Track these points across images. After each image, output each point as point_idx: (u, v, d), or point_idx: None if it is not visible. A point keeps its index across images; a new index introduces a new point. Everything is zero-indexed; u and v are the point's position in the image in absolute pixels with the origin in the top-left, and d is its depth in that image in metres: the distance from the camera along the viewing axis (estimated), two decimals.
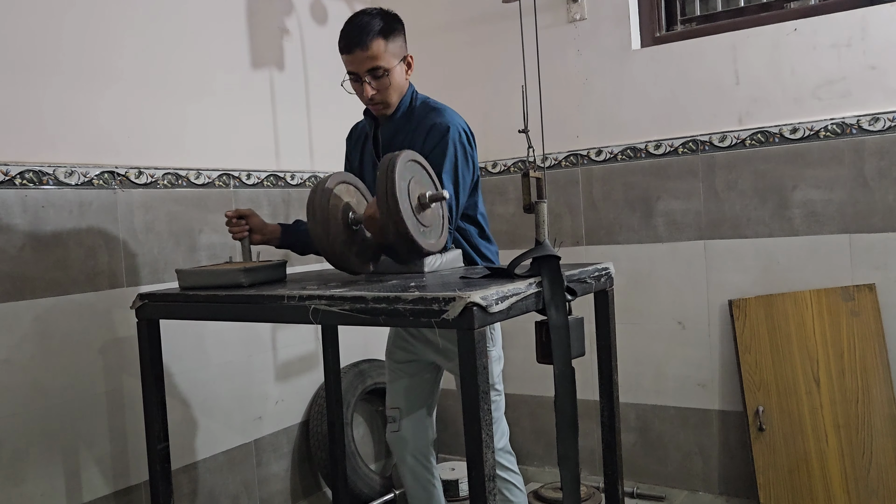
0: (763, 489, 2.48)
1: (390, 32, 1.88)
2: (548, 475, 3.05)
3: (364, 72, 1.88)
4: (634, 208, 2.85)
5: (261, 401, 2.72)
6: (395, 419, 2.07)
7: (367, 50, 1.85)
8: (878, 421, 2.39)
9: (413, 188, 1.66)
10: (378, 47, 1.85)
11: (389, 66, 1.88)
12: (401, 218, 1.58)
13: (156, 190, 2.37)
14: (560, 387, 1.49)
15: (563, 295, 1.49)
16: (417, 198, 1.67)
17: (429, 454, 2.11)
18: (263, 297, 1.59)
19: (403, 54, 1.94)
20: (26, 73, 2.04)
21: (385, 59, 1.87)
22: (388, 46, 1.87)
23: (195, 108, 2.51)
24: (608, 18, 2.87)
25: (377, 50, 1.85)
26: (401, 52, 1.93)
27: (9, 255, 1.98)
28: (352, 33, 1.86)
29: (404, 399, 2.07)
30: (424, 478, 2.10)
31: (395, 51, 1.90)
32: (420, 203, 1.67)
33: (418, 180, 1.71)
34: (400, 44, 1.92)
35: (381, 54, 1.86)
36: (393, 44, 1.89)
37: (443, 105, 1.97)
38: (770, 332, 2.55)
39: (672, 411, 2.84)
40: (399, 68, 1.92)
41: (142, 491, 2.29)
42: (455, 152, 1.87)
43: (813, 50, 2.50)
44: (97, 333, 2.19)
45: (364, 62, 1.87)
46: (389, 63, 1.88)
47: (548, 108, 2.68)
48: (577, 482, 1.53)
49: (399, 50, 1.92)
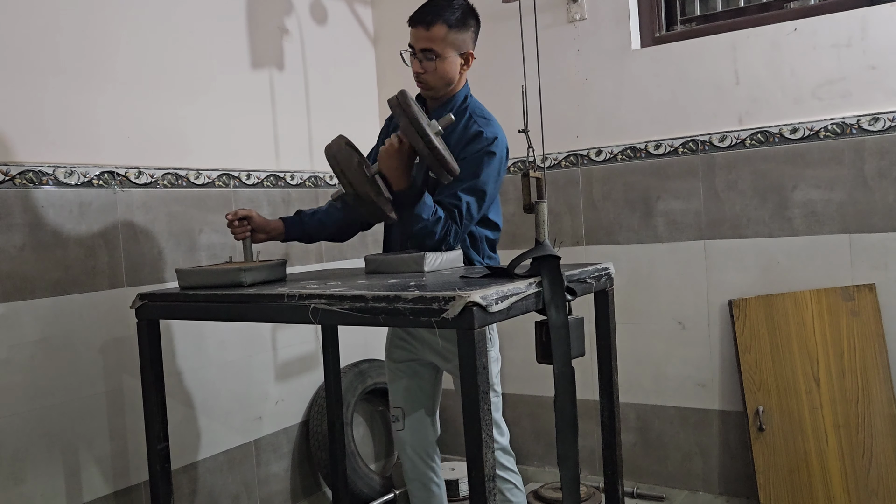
0: (763, 489, 2.48)
1: (458, 24, 1.92)
2: (548, 475, 3.04)
3: (419, 49, 1.93)
4: (634, 208, 2.85)
5: (261, 401, 2.72)
6: (398, 418, 2.08)
7: (428, 31, 1.90)
8: (878, 421, 2.39)
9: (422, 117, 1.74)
10: (438, 32, 1.90)
11: (443, 53, 1.92)
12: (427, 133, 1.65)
13: (156, 190, 2.37)
14: (560, 387, 1.49)
15: (563, 295, 1.49)
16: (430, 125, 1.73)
17: (432, 453, 2.11)
18: (263, 297, 1.59)
19: (465, 50, 1.97)
20: (26, 74, 2.04)
21: (440, 46, 1.91)
22: (450, 36, 1.91)
23: (195, 108, 2.51)
24: (608, 18, 2.87)
25: (436, 34, 1.90)
26: (462, 46, 1.95)
27: (9, 255, 1.99)
28: (423, 10, 1.92)
29: (405, 399, 2.07)
30: (427, 477, 2.10)
31: (455, 42, 1.93)
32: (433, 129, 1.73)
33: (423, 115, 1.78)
34: (464, 38, 1.95)
35: (439, 40, 1.90)
36: (456, 35, 1.92)
37: (491, 115, 2.00)
38: (770, 332, 2.55)
39: (672, 411, 2.84)
40: (453, 60, 1.94)
41: (142, 491, 2.29)
42: (492, 164, 1.90)
43: (813, 50, 2.50)
44: (97, 333, 2.19)
45: (421, 41, 1.92)
46: (444, 51, 1.92)
47: (548, 108, 2.68)
48: (577, 482, 1.53)
49: (461, 43, 1.95)
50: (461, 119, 1.96)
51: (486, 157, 1.89)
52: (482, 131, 1.91)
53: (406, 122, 1.67)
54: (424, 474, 2.10)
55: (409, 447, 2.08)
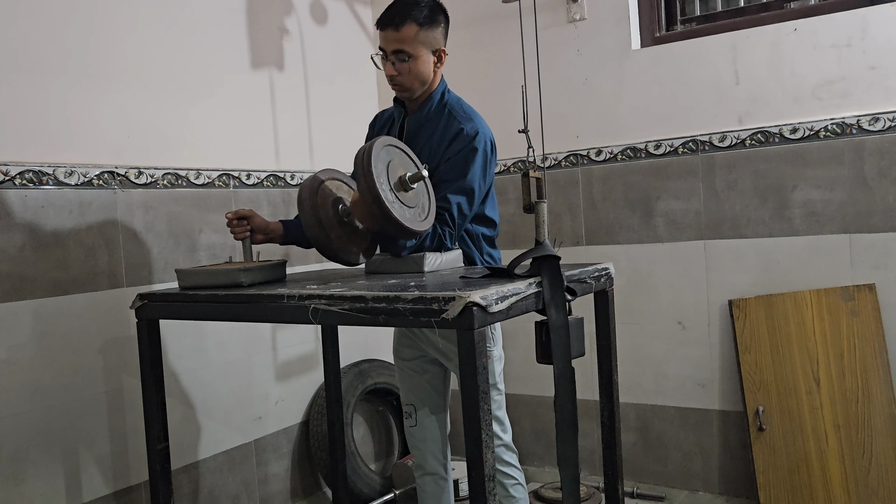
0: (763, 489, 2.48)
1: (428, 22, 1.89)
2: (548, 475, 3.04)
3: (390, 52, 1.90)
4: (634, 208, 2.85)
5: (261, 401, 2.72)
6: (409, 415, 2.09)
7: (398, 32, 1.87)
8: (878, 421, 2.39)
9: (393, 170, 1.70)
10: (409, 32, 1.87)
11: (416, 53, 1.89)
12: (380, 198, 1.62)
13: (156, 190, 2.37)
14: (560, 387, 1.49)
15: (563, 295, 1.49)
16: (399, 178, 1.70)
17: (444, 449, 2.11)
18: (263, 297, 1.59)
19: (437, 47, 1.94)
20: (27, 74, 2.04)
21: (412, 45, 1.88)
22: (420, 34, 1.88)
23: (195, 108, 2.51)
24: (608, 18, 2.87)
25: (407, 34, 1.87)
26: (434, 43, 1.93)
27: (9, 255, 1.99)
28: (390, 12, 1.89)
29: (415, 396, 2.08)
30: (437, 472, 2.10)
31: (426, 40, 1.90)
32: (401, 183, 1.70)
33: (399, 163, 1.74)
34: (435, 35, 1.92)
35: (410, 40, 1.87)
36: (427, 33, 1.89)
37: (472, 110, 1.98)
38: (770, 332, 2.55)
39: (672, 411, 2.84)
40: (426, 58, 1.92)
41: (142, 491, 2.29)
42: (476, 160, 1.89)
43: (813, 50, 2.50)
44: (97, 333, 2.19)
45: (391, 42, 1.89)
46: (416, 51, 1.89)
47: (548, 108, 2.68)
48: (577, 482, 1.53)
49: (432, 41, 1.92)
50: (441, 117, 1.95)
51: (469, 154, 1.88)
52: (463, 128, 1.89)
53: (363, 188, 1.65)
54: (434, 469, 2.10)
55: (421, 442, 2.08)
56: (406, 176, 1.71)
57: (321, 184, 1.81)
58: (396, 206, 1.67)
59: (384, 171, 1.67)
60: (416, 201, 1.75)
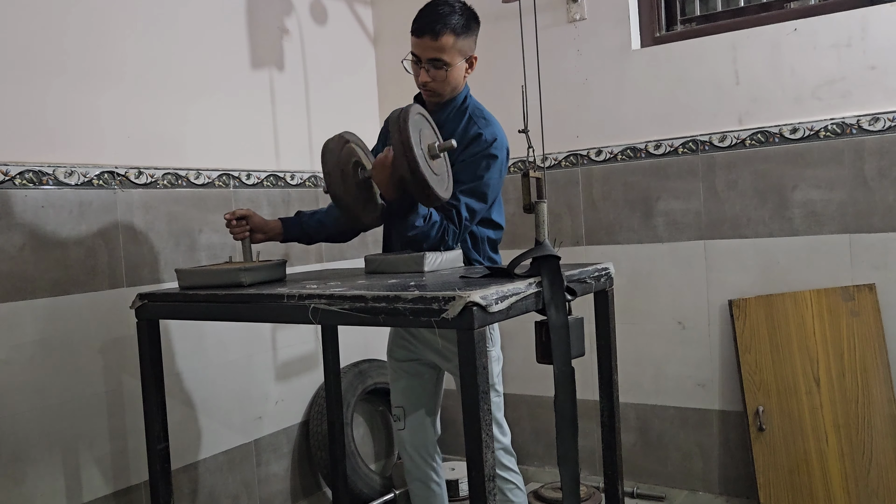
0: (763, 489, 2.48)
1: (465, 30, 1.89)
2: (548, 475, 3.04)
3: (426, 59, 1.90)
4: (634, 208, 2.85)
5: (261, 401, 2.72)
6: (398, 418, 2.08)
7: (437, 41, 1.87)
8: (878, 421, 2.39)
9: (423, 138, 1.72)
10: (447, 41, 1.87)
11: (452, 62, 1.90)
12: (414, 158, 1.62)
13: (156, 190, 2.37)
14: (560, 387, 1.49)
15: (563, 295, 1.49)
16: (427, 147, 1.72)
17: (433, 452, 2.11)
18: (263, 297, 1.59)
19: (469, 54, 1.95)
20: (26, 74, 2.04)
21: (450, 54, 1.89)
22: (457, 43, 1.89)
23: (195, 108, 2.51)
24: (608, 18, 2.87)
25: (445, 43, 1.87)
26: (468, 50, 1.94)
27: (9, 255, 1.98)
28: (428, 19, 1.88)
29: (406, 399, 2.07)
30: (428, 476, 2.10)
31: (462, 48, 1.91)
32: (430, 152, 1.72)
33: (426, 134, 1.76)
34: (469, 43, 1.93)
35: (448, 49, 1.88)
36: (462, 41, 1.90)
37: (492, 116, 1.99)
38: (770, 332, 2.55)
39: (672, 411, 2.84)
40: (460, 66, 1.93)
41: (142, 491, 2.29)
42: (493, 167, 1.90)
43: (813, 50, 2.50)
44: (97, 333, 2.19)
45: (428, 50, 1.88)
46: (453, 59, 1.90)
47: (548, 108, 2.68)
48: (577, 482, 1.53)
49: (466, 49, 1.93)
50: (461, 120, 1.96)
51: (485, 159, 1.89)
52: (482, 133, 1.90)
53: (397, 141, 1.65)
54: (425, 474, 2.10)
55: (410, 446, 2.08)
56: (435, 144, 1.73)
57: (346, 143, 1.81)
58: (424, 165, 1.68)
59: (417, 133, 1.69)
60: (441, 170, 1.78)
